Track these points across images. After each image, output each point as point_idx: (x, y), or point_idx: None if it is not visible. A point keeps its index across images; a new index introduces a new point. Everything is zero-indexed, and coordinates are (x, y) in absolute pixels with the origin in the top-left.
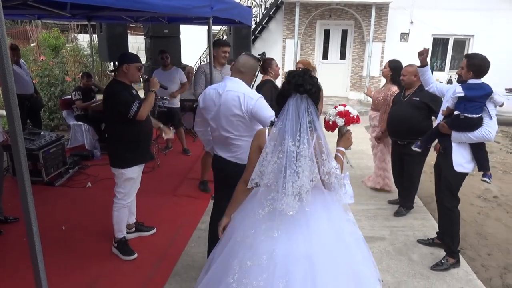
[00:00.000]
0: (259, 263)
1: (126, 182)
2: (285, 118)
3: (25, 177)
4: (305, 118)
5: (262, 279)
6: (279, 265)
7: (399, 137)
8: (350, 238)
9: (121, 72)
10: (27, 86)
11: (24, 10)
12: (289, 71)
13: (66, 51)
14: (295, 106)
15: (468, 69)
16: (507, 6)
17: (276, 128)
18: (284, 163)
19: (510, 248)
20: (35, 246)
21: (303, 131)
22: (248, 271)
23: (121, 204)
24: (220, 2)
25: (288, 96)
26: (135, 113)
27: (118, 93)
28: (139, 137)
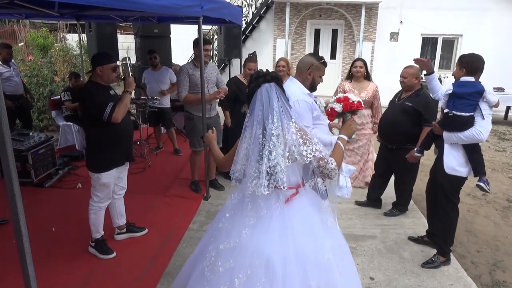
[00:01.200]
0: (229, 246)
1: (103, 187)
2: (254, 108)
3: (14, 179)
4: (276, 102)
5: (231, 263)
6: (247, 251)
7: (388, 141)
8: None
9: (96, 74)
10: (17, 86)
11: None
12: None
13: (55, 51)
14: (265, 92)
15: (460, 67)
16: (494, 6)
17: (248, 119)
18: (256, 149)
19: (499, 245)
20: (24, 248)
21: (275, 114)
22: (221, 253)
23: (98, 207)
24: (210, 2)
25: (257, 87)
26: (109, 115)
27: (92, 95)
28: (116, 140)
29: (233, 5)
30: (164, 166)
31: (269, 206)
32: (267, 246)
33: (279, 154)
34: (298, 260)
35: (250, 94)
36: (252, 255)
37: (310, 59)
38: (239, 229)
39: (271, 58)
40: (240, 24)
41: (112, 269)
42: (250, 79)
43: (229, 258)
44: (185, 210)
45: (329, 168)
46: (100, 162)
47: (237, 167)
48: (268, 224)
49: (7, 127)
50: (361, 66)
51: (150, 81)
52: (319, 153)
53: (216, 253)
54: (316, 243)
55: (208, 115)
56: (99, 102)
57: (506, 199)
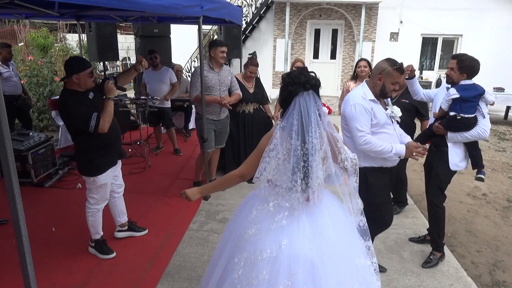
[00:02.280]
0: (263, 257)
1: (99, 189)
2: (292, 116)
3: (13, 179)
4: (315, 113)
5: (266, 273)
6: (283, 260)
7: None
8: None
9: (72, 81)
10: (16, 86)
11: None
12: (287, 73)
13: (55, 51)
14: (304, 103)
15: (461, 72)
16: (494, 6)
17: (281, 127)
18: (294, 161)
19: (499, 245)
20: (24, 249)
21: (314, 126)
22: (252, 265)
23: (95, 209)
24: (210, 2)
25: (295, 95)
26: (95, 127)
27: (71, 107)
28: (105, 143)
29: (233, 5)
30: (164, 166)
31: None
32: (304, 249)
33: (320, 169)
34: (334, 261)
35: (285, 99)
36: (289, 262)
37: (383, 64)
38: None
39: (271, 58)
40: (240, 24)
41: (112, 269)
42: (286, 81)
43: (263, 270)
44: (185, 210)
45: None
46: (93, 167)
47: (267, 176)
48: (296, 225)
49: (7, 127)
50: (365, 66)
51: (151, 81)
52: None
53: (245, 263)
54: (348, 244)
55: (217, 117)
56: (82, 114)
57: (506, 199)
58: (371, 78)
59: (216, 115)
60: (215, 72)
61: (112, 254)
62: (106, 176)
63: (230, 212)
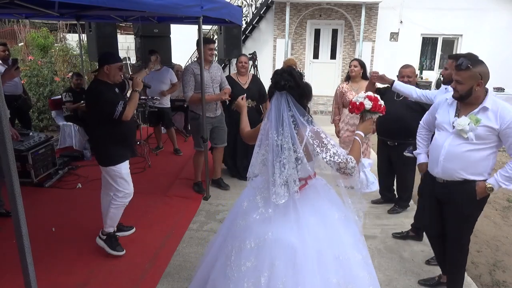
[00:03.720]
0: (249, 247)
1: (123, 180)
2: (270, 114)
3: (14, 179)
4: (286, 113)
5: (251, 263)
6: (267, 251)
7: (389, 137)
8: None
9: (103, 72)
10: (16, 86)
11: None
12: (275, 70)
13: (55, 51)
14: (276, 103)
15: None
16: (494, 6)
17: (264, 123)
18: (271, 156)
19: (499, 245)
20: (24, 248)
21: (286, 126)
22: (241, 253)
23: (122, 203)
24: (210, 2)
25: (272, 94)
26: (121, 113)
27: (102, 94)
28: (126, 134)
29: (233, 5)
30: (164, 166)
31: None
32: (287, 236)
33: (291, 168)
34: (317, 251)
35: (269, 94)
36: (272, 249)
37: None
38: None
39: (271, 58)
40: (240, 24)
41: (112, 269)
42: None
43: (251, 257)
44: (185, 210)
45: (349, 167)
46: (112, 156)
47: (255, 171)
48: (283, 216)
49: (7, 127)
50: (356, 66)
51: (151, 81)
52: (338, 156)
53: (236, 251)
54: (333, 238)
55: (214, 114)
56: (110, 100)
57: (506, 199)
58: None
59: (213, 112)
60: (205, 69)
61: (121, 251)
62: (126, 165)
63: None
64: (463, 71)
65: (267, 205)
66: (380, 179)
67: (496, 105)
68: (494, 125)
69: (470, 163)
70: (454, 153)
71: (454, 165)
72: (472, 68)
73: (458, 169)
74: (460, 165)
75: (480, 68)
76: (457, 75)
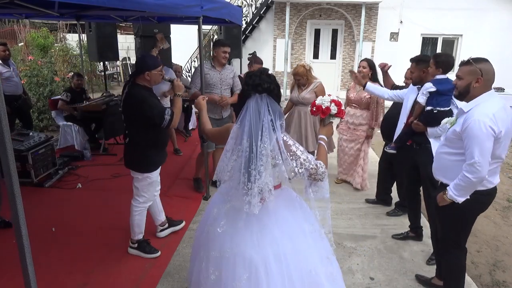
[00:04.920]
0: (216, 256)
1: (149, 186)
2: (244, 118)
3: (14, 179)
4: (266, 117)
5: (218, 272)
6: (230, 262)
7: (391, 140)
8: (310, 238)
9: (143, 77)
10: (17, 86)
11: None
12: (247, 72)
13: (55, 51)
14: (256, 106)
15: (436, 67)
16: (494, 6)
17: (236, 127)
18: (243, 162)
19: (499, 244)
20: (24, 248)
21: (265, 131)
22: (209, 261)
23: (143, 208)
24: (210, 2)
25: (248, 97)
26: (169, 122)
27: (148, 100)
28: (161, 141)
29: (233, 5)
30: (164, 166)
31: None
32: (248, 250)
33: (268, 175)
34: (279, 263)
35: (241, 97)
36: (234, 263)
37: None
38: (220, 240)
39: (271, 58)
40: (240, 24)
41: (112, 269)
42: (244, 80)
43: (217, 267)
44: (185, 210)
45: (320, 172)
46: (149, 163)
47: (224, 177)
48: (245, 226)
49: (7, 127)
50: (364, 67)
51: None
52: (308, 163)
53: (206, 258)
54: (300, 251)
55: (219, 116)
56: (160, 109)
57: (506, 199)
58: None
59: (218, 114)
60: (217, 71)
61: (157, 253)
62: (157, 173)
63: None
64: (464, 65)
65: (233, 215)
66: (379, 181)
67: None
68: (458, 127)
69: (442, 165)
70: (436, 153)
71: (434, 164)
72: (473, 63)
73: (435, 169)
74: (436, 165)
75: (482, 65)
76: (459, 70)
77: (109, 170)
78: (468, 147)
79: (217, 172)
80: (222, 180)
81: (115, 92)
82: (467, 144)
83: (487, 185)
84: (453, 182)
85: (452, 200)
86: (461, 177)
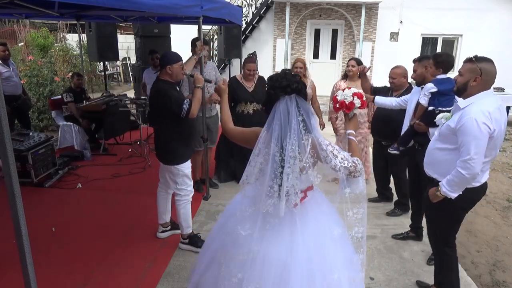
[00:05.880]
0: (240, 259)
1: (186, 178)
2: (273, 121)
3: (14, 179)
4: (296, 118)
5: (241, 275)
6: (256, 266)
7: (383, 138)
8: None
9: (165, 72)
10: (16, 86)
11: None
12: (270, 76)
13: (55, 51)
14: (285, 108)
15: (437, 67)
16: (494, 6)
17: (264, 131)
18: (270, 165)
19: (499, 245)
20: (24, 248)
21: (293, 132)
22: (231, 264)
23: (186, 200)
24: (210, 2)
25: (276, 99)
26: (187, 111)
27: (168, 92)
28: (187, 133)
29: (233, 5)
30: None
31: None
32: (279, 253)
33: (294, 178)
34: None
35: (267, 103)
36: (262, 265)
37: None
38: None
39: (271, 58)
40: (240, 24)
41: (112, 269)
42: (269, 84)
43: (241, 269)
44: None
45: (358, 169)
46: (178, 155)
47: (250, 179)
48: (277, 230)
49: (7, 127)
50: (353, 65)
51: (151, 81)
52: (347, 161)
53: (228, 261)
54: (329, 256)
55: (209, 114)
56: (177, 99)
57: (506, 199)
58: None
59: (208, 112)
60: (197, 69)
61: None
62: (188, 165)
63: None
64: (466, 62)
65: (260, 218)
66: (377, 178)
67: (470, 109)
68: (452, 124)
69: (434, 160)
70: (428, 148)
71: (426, 159)
72: (475, 61)
73: (426, 164)
74: (427, 160)
75: (484, 65)
76: (462, 66)
77: (109, 170)
78: (464, 144)
79: (244, 177)
80: (247, 182)
81: (115, 92)
82: (462, 141)
83: (475, 184)
84: (446, 178)
85: (445, 196)
86: (454, 173)
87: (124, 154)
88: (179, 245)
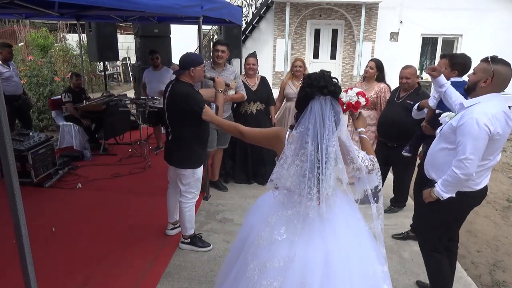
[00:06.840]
0: (277, 265)
1: (197, 182)
2: (307, 121)
3: (14, 179)
4: (331, 119)
5: (279, 282)
6: (297, 270)
7: (388, 139)
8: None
9: (187, 74)
10: (17, 86)
11: (12, 9)
12: (308, 75)
13: (55, 51)
14: (320, 109)
15: (452, 69)
16: (494, 6)
17: (297, 131)
18: (308, 167)
19: (499, 245)
20: (24, 248)
21: (329, 133)
22: (266, 272)
23: (192, 203)
24: (210, 2)
25: (311, 98)
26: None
27: (192, 94)
28: (205, 137)
29: (233, 5)
30: (164, 166)
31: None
32: (317, 252)
33: (334, 177)
34: (348, 266)
35: (301, 100)
36: (302, 271)
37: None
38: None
39: (271, 58)
40: (240, 24)
41: (112, 269)
42: (305, 82)
43: (278, 276)
44: None
45: (376, 167)
46: (195, 159)
47: (285, 183)
48: (312, 230)
49: (7, 127)
50: (372, 67)
51: (151, 81)
52: (366, 159)
53: (261, 270)
54: (362, 251)
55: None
56: (202, 101)
57: (506, 199)
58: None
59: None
60: (216, 71)
61: (210, 246)
62: (202, 169)
63: (230, 212)
64: (481, 62)
65: (297, 221)
66: None
67: (473, 108)
68: (454, 122)
69: (434, 161)
70: (430, 149)
71: (426, 160)
72: (490, 62)
73: (427, 165)
74: (427, 161)
75: (498, 67)
76: (477, 65)
77: (109, 170)
78: (461, 143)
79: (273, 179)
80: (280, 186)
81: (115, 92)
82: (460, 140)
83: (474, 186)
84: (442, 178)
85: (438, 196)
86: (449, 173)
87: (124, 154)
88: (180, 245)
